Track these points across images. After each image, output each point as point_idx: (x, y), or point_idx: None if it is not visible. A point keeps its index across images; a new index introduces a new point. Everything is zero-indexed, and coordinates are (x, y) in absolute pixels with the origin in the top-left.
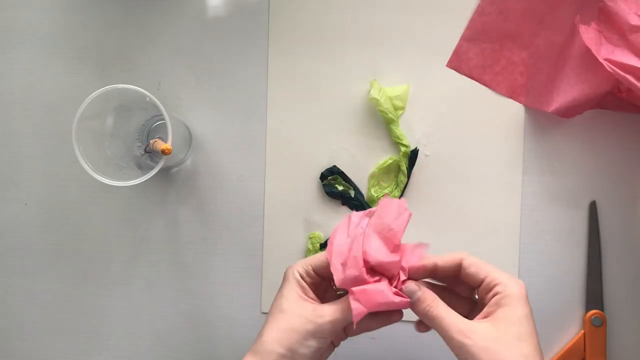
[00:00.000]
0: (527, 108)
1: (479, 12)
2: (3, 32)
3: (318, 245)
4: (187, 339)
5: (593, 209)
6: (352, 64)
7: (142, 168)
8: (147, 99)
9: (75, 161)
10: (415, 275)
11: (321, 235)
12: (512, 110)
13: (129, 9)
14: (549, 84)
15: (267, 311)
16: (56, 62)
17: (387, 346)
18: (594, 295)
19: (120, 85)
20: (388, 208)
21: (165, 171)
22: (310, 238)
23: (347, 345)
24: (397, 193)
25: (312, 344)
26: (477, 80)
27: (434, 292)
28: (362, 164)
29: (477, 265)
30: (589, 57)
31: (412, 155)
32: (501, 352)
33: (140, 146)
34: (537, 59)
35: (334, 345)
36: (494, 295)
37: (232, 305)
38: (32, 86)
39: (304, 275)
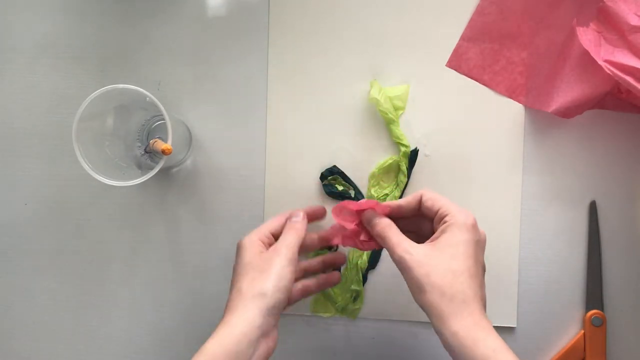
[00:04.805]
0: (527, 108)
1: (479, 12)
2: (3, 32)
3: None
4: (187, 339)
5: (593, 209)
6: (352, 64)
7: (142, 168)
8: (147, 99)
9: (75, 161)
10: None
11: None
12: (512, 110)
13: (128, 9)
14: (549, 84)
15: None
16: (56, 63)
17: (387, 346)
18: (594, 295)
19: (120, 85)
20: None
21: (165, 171)
22: None
23: (348, 345)
24: (397, 193)
25: (291, 269)
26: (476, 80)
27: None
28: (362, 164)
29: (434, 199)
30: (588, 57)
31: (412, 155)
32: (432, 266)
33: (140, 146)
34: (537, 58)
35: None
36: (443, 224)
37: None
38: (32, 86)
39: (263, 238)
